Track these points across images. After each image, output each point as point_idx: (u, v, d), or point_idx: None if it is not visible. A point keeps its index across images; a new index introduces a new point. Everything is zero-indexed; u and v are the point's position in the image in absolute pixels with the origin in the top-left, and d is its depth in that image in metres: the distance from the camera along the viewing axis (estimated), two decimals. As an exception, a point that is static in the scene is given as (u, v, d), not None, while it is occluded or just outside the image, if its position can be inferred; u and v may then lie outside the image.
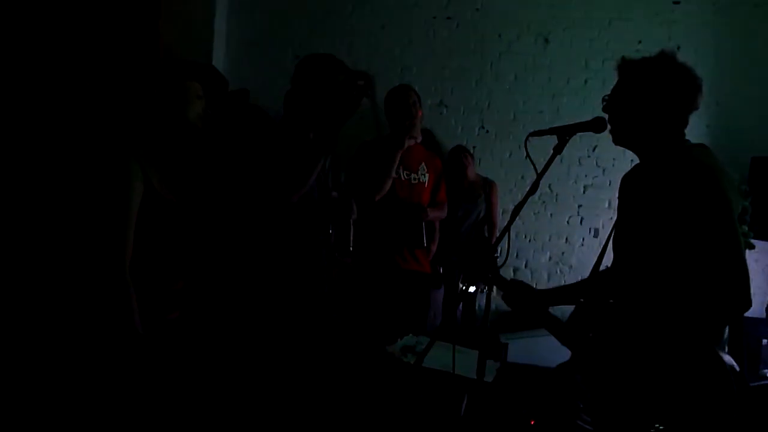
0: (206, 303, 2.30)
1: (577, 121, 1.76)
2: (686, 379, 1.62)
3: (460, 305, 4.05)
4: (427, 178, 3.23)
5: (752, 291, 4.33)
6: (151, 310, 1.74)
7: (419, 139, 3.24)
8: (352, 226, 2.42)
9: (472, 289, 1.72)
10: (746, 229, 3.80)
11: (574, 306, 1.93)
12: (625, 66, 1.75)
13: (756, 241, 4.01)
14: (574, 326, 1.86)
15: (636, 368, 1.67)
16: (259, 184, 2.18)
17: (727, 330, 3.54)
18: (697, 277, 1.63)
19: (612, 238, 1.91)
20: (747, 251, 3.42)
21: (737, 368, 1.61)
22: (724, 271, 1.60)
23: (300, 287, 2.25)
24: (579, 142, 2.65)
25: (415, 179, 3.19)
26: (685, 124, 1.74)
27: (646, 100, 1.69)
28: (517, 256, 4.57)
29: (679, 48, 4.12)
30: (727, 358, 1.61)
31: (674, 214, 1.65)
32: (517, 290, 1.90)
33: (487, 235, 4.23)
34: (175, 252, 1.86)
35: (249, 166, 2.25)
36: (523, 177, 4.45)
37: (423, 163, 3.24)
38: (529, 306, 1.87)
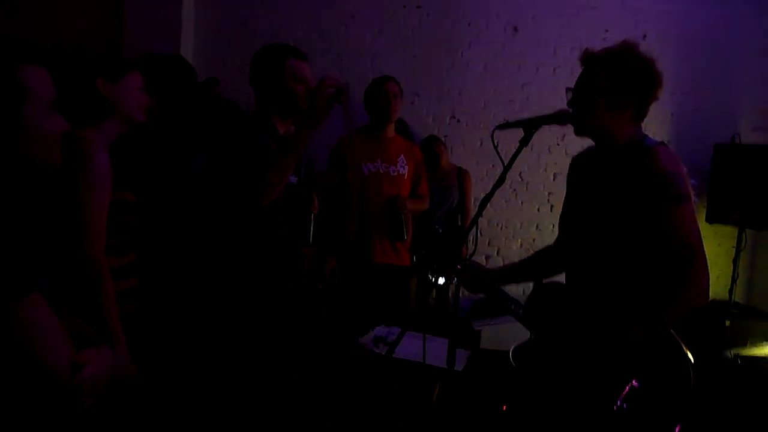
0: (167, 301, 2.28)
1: (547, 109, 1.80)
2: (646, 362, 1.67)
3: (433, 295, 4.09)
4: (406, 170, 3.23)
5: (716, 274, 4.46)
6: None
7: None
8: (312, 219, 2.41)
9: (441, 280, 1.74)
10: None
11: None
12: (588, 58, 1.78)
13: (718, 225, 4.12)
14: (532, 307, 1.91)
15: (594, 350, 1.72)
16: (231, 183, 2.14)
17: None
18: (657, 273, 1.68)
19: (560, 216, 1.96)
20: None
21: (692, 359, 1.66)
22: (684, 267, 1.65)
23: (261, 283, 2.23)
24: (548, 131, 2.67)
25: (394, 171, 3.19)
26: (645, 114, 1.78)
27: (608, 91, 1.72)
28: (488, 243, 4.61)
29: (645, 36, 4.18)
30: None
31: (633, 211, 1.70)
32: (470, 271, 1.93)
33: (460, 223, 4.27)
34: (131, 249, 1.85)
35: (216, 166, 2.21)
36: (494, 166, 4.48)
37: (402, 155, 3.24)
38: (482, 285, 1.91)
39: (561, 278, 1.99)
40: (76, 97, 1.80)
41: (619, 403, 1.66)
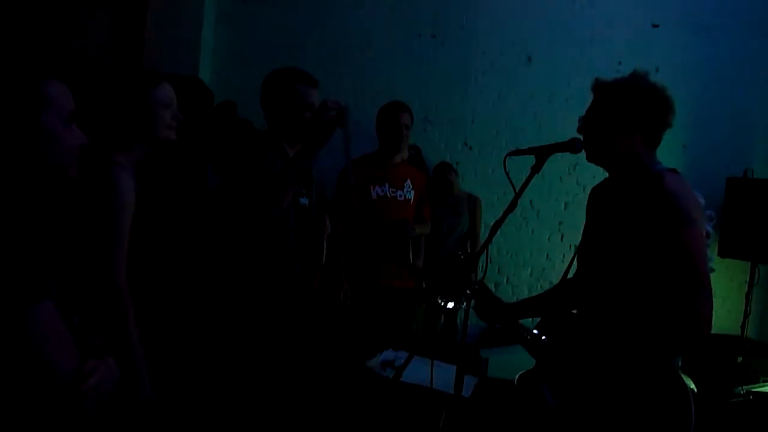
0: (179, 316, 2.28)
1: (559, 139, 1.81)
2: (647, 397, 1.65)
3: (442, 320, 4.07)
4: (412, 195, 3.26)
5: (728, 309, 4.41)
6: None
7: (405, 156, 3.28)
8: (324, 241, 2.42)
9: (450, 304, 1.74)
10: (709, 253, 3.89)
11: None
12: (599, 87, 1.80)
13: (730, 259, 4.09)
14: (539, 335, 1.90)
15: (598, 382, 1.71)
16: (235, 201, 2.17)
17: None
18: (662, 301, 1.67)
19: (578, 248, 1.96)
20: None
21: (695, 390, 1.64)
22: (689, 299, 1.64)
23: (269, 302, 2.24)
24: (560, 160, 2.68)
25: (401, 196, 3.22)
26: (658, 142, 1.79)
27: (619, 119, 1.74)
28: (498, 271, 4.60)
29: (657, 69, 4.19)
30: (686, 380, 1.65)
31: (643, 237, 1.70)
32: (485, 302, 1.93)
33: (469, 250, 4.26)
34: (156, 264, 1.85)
35: (228, 182, 2.24)
36: (505, 193, 4.48)
37: (408, 180, 3.27)
38: (497, 317, 1.90)
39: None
40: (107, 119, 1.81)
41: None
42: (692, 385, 1.66)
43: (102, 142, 1.74)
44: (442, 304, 1.75)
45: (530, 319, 2.00)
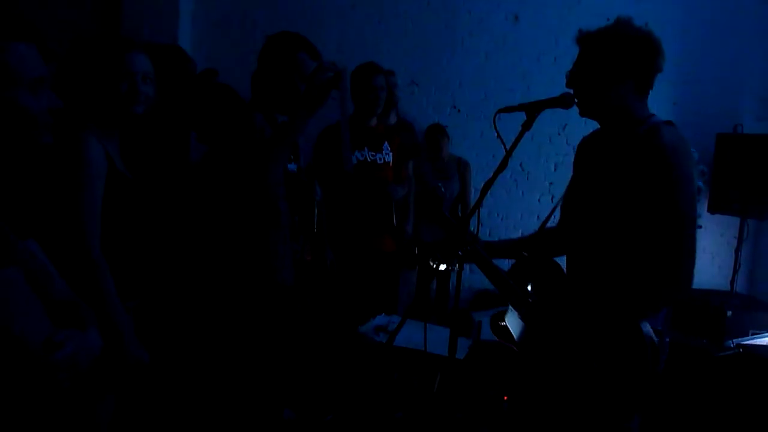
0: (169, 290, 2.26)
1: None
2: (608, 347, 1.67)
3: (434, 284, 4.08)
4: (391, 157, 3.22)
5: (718, 264, 4.44)
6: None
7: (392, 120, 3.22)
8: (316, 208, 2.39)
9: (442, 267, 1.72)
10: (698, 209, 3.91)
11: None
12: (584, 38, 1.76)
13: (720, 215, 4.10)
14: (513, 279, 1.92)
15: (569, 331, 1.73)
16: (227, 170, 2.13)
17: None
18: (643, 259, 1.67)
19: (563, 198, 1.95)
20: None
21: (656, 340, 1.65)
22: (671, 255, 1.63)
23: (260, 272, 2.21)
24: (549, 120, 2.65)
25: (380, 159, 3.17)
26: (650, 87, 1.75)
27: (608, 67, 1.71)
28: (489, 234, 4.60)
29: (646, 24, 4.13)
30: (647, 329, 1.66)
31: (634, 191, 1.68)
32: (479, 263, 1.93)
33: (460, 214, 4.26)
34: (138, 234, 1.82)
35: (215, 151, 2.19)
36: (494, 156, 4.46)
37: (386, 142, 3.22)
38: (476, 257, 1.90)
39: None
40: (80, 87, 1.75)
41: (578, 382, 1.68)
42: (651, 333, 1.67)
43: (75, 109, 1.69)
44: (434, 266, 1.73)
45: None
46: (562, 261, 1.95)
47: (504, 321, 1.97)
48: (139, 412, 1.90)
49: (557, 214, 1.99)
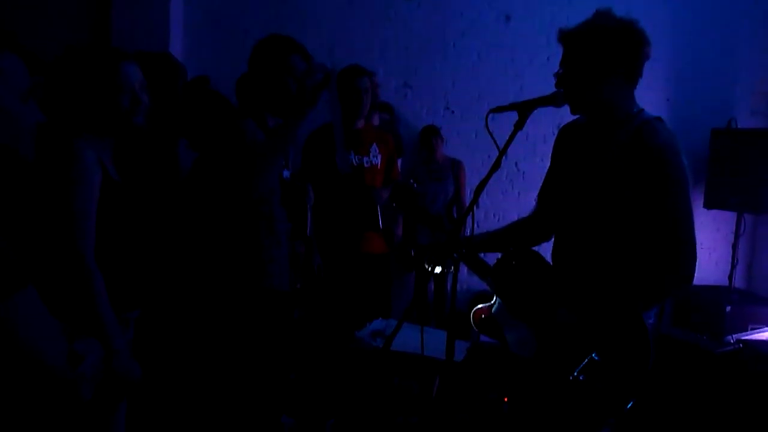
0: (167, 298, 2.24)
1: (542, 98, 1.76)
2: (609, 338, 1.66)
3: (431, 286, 4.06)
4: (379, 159, 3.19)
5: (715, 260, 4.43)
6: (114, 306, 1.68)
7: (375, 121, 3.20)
8: (309, 212, 2.37)
9: (438, 269, 1.71)
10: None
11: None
12: (566, 36, 1.75)
13: (716, 210, 4.10)
14: (502, 273, 1.90)
15: (564, 324, 1.72)
16: (218, 177, 2.11)
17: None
18: (645, 248, 1.67)
19: (541, 188, 1.94)
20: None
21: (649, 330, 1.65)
22: (672, 246, 1.64)
23: (256, 277, 2.19)
24: (543, 119, 2.64)
25: (368, 162, 3.15)
26: (639, 76, 1.74)
27: (594, 63, 1.69)
28: (486, 235, 4.58)
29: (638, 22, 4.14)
30: (649, 323, 1.66)
31: (626, 187, 1.67)
32: (473, 266, 1.91)
33: (455, 215, 4.24)
34: (136, 244, 1.80)
35: (206, 158, 2.18)
36: (489, 156, 4.42)
37: (374, 144, 3.20)
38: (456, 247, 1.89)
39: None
40: (71, 99, 1.73)
41: (575, 374, 1.65)
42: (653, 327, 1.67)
43: (65, 122, 1.67)
44: (430, 269, 1.72)
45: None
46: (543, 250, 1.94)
47: (487, 314, 1.96)
48: (140, 421, 1.88)
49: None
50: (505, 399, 2.40)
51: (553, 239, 1.94)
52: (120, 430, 1.64)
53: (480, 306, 1.93)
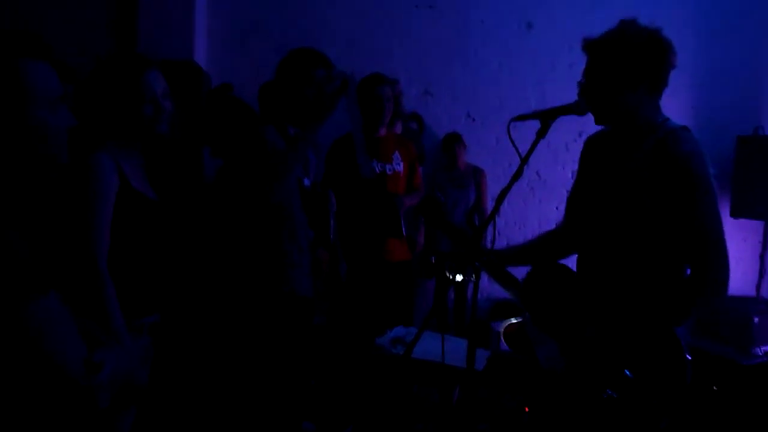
0: (188, 303, 2.26)
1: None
2: (643, 354, 1.63)
3: (452, 294, 4.05)
4: (402, 167, 3.20)
5: (742, 270, 4.36)
6: (128, 311, 1.70)
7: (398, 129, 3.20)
8: (332, 219, 2.39)
9: (459, 278, 1.70)
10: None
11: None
12: (590, 45, 1.73)
13: (743, 219, 4.02)
14: (530, 288, 1.88)
15: (595, 340, 1.69)
16: (238, 184, 2.15)
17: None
18: (678, 261, 1.64)
19: (569, 199, 1.91)
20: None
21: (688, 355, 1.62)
22: (703, 259, 1.61)
23: (278, 284, 2.21)
24: (565, 127, 2.62)
25: (390, 170, 3.16)
26: (665, 85, 1.72)
27: (618, 74, 1.67)
28: (507, 243, 4.55)
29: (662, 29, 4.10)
30: (683, 338, 1.62)
31: (654, 198, 1.65)
32: (496, 275, 1.90)
33: (477, 223, 4.23)
34: (155, 251, 1.82)
35: (229, 165, 2.21)
36: (510, 164, 4.42)
37: (396, 152, 3.21)
38: (486, 260, 1.87)
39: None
40: (96, 106, 1.77)
41: (609, 391, 1.62)
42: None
43: (94, 128, 1.71)
44: (451, 277, 1.71)
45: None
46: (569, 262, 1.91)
47: (516, 331, 1.94)
48: (159, 426, 1.90)
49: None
50: (526, 409, 2.37)
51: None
52: None
53: (512, 320, 1.91)
